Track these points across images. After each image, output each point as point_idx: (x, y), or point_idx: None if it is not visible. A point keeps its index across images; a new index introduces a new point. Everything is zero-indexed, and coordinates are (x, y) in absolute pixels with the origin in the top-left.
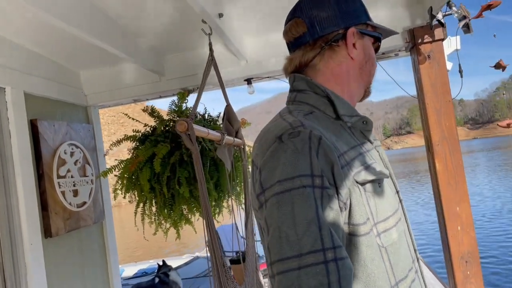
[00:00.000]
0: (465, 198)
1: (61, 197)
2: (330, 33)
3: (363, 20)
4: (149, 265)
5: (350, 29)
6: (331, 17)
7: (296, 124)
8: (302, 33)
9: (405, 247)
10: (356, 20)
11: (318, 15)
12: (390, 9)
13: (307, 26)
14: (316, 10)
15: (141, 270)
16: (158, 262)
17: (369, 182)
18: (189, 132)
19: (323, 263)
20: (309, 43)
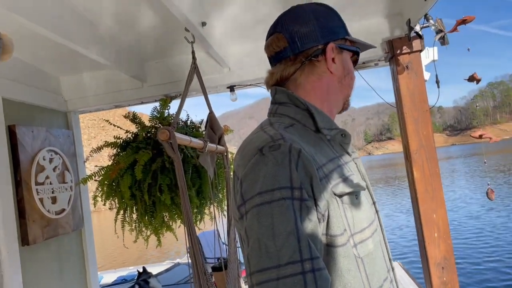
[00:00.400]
0: (442, 205)
1: (39, 204)
2: (310, 48)
3: (342, 35)
4: (129, 272)
5: (330, 44)
6: (311, 33)
7: (276, 137)
8: (283, 48)
9: (381, 257)
10: (335, 35)
11: (299, 30)
12: (370, 20)
13: (288, 41)
14: (297, 25)
15: (120, 277)
16: (138, 269)
17: (346, 194)
18: (171, 141)
19: (301, 274)
20: (290, 57)
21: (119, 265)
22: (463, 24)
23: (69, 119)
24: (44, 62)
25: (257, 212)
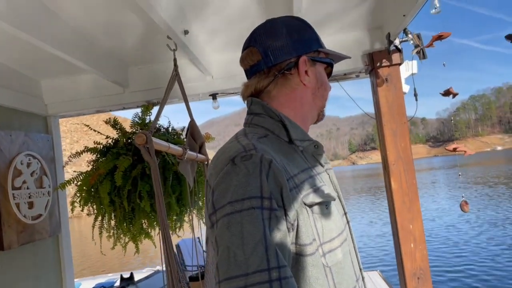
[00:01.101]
0: (418, 216)
1: (15, 209)
2: (283, 61)
3: (315, 47)
4: (108, 278)
5: (302, 57)
6: (284, 47)
7: (249, 147)
8: (257, 61)
9: (350, 267)
10: (308, 48)
11: (272, 44)
12: (351, 32)
13: (261, 55)
14: (270, 39)
15: (99, 284)
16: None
17: (316, 204)
18: (148, 145)
19: (268, 282)
20: (264, 71)
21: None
22: (439, 39)
23: (48, 123)
24: (24, 65)
25: (227, 221)
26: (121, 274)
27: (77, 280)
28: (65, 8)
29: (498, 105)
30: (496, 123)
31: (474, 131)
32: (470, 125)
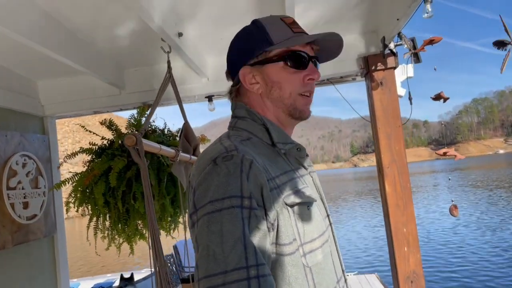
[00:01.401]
0: (412, 220)
1: (10, 209)
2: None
3: (260, 50)
4: (106, 279)
5: (241, 70)
6: (234, 59)
7: (230, 148)
8: (228, 71)
9: (330, 268)
10: (250, 55)
11: (229, 57)
12: (347, 36)
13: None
14: (229, 52)
15: (97, 284)
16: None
17: (297, 204)
18: (137, 147)
19: (246, 280)
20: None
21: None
22: (430, 44)
23: (45, 124)
24: (21, 65)
25: (207, 220)
26: (122, 274)
27: (76, 280)
28: (61, 10)
29: (501, 108)
30: (498, 127)
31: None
32: (473, 128)
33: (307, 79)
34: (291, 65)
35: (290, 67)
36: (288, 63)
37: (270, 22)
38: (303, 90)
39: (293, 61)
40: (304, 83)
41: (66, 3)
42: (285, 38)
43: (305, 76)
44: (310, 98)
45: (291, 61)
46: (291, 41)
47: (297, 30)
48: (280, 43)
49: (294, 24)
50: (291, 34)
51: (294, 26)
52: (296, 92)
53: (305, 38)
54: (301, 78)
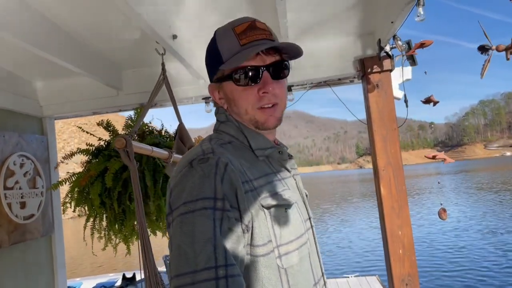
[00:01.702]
0: (407, 223)
1: (7, 209)
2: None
3: (216, 68)
4: (109, 278)
5: (208, 86)
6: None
7: (207, 151)
8: None
9: (307, 271)
10: (213, 71)
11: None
12: (343, 38)
13: None
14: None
15: (99, 283)
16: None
17: (274, 206)
18: (127, 149)
19: (214, 280)
20: None
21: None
22: (421, 47)
23: (44, 124)
24: (20, 67)
25: (181, 221)
26: (124, 273)
27: (78, 279)
28: (59, 14)
29: (508, 110)
30: (505, 129)
31: (483, 136)
32: (479, 130)
33: (261, 93)
34: (239, 83)
35: (239, 85)
36: (235, 81)
37: (222, 35)
38: (260, 104)
39: (240, 78)
40: (259, 97)
41: (64, 7)
42: (233, 53)
43: (259, 90)
44: (274, 108)
45: (238, 79)
46: (235, 58)
47: (245, 40)
48: (227, 62)
49: (245, 32)
50: (238, 48)
51: (243, 35)
52: (252, 107)
53: (244, 54)
54: (255, 92)
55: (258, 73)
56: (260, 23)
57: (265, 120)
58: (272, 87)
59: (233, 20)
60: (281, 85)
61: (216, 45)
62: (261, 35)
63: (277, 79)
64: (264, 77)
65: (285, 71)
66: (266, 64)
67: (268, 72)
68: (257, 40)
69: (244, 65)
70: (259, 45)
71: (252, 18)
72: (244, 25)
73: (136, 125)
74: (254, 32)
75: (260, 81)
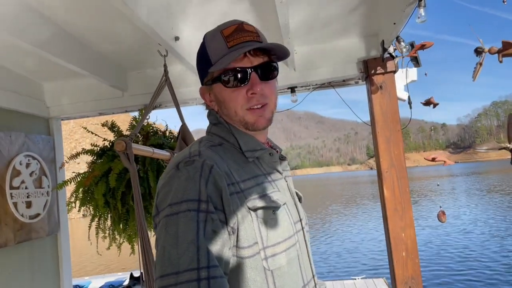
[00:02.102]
0: (411, 225)
1: (13, 208)
2: None
3: (205, 71)
4: (117, 277)
5: (199, 89)
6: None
7: (194, 153)
8: None
9: (296, 272)
10: (203, 75)
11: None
12: (348, 39)
13: None
14: None
15: (108, 282)
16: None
17: (261, 208)
18: (127, 152)
19: (196, 281)
20: None
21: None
22: (421, 49)
23: (50, 125)
24: (27, 68)
25: (165, 222)
26: (131, 272)
27: (87, 278)
28: (64, 18)
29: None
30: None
31: (496, 138)
32: (492, 131)
33: (250, 94)
34: (227, 84)
35: (228, 87)
36: (224, 83)
37: (211, 38)
38: (249, 105)
39: (228, 80)
40: (248, 98)
41: (70, 11)
42: (220, 55)
43: (247, 91)
44: (263, 109)
45: (226, 81)
46: (222, 60)
47: (233, 43)
48: (216, 64)
49: (233, 34)
50: (226, 50)
51: (231, 38)
52: (241, 108)
53: (231, 56)
54: (244, 93)
55: (246, 74)
56: (248, 25)
57: (254, 121)
58: (260, 88)
59: (221, 24)
60: (270, 85)
61: (205, 48)
62: (248, 37)
63: (265, 79)
64: (252, 78)
65: (274, 72)
66: (253, 65)
67: (256, 73)
68: (244, 42)
69: (232, 67)
70: (246, 47)
71: (240, 21)
72: (232, 28)
73: (136, 128)
74: (242, 34)
75: (248, 82)
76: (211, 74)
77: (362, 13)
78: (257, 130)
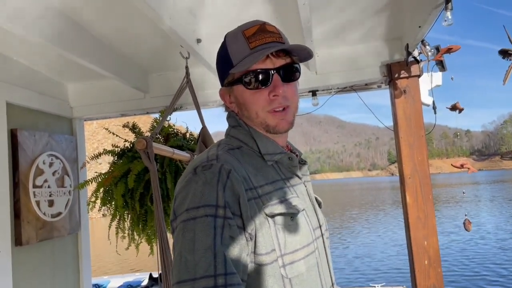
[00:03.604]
0: (434, 233)
1: (35, 207)
2: None
3: (226, 72)
4: (135, 278)
5: (219, 90)
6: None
7: (211, 157)
8: None
9: (315, 280)
10: (223, 76)
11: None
12: (370, 43)
13: None
14: None
15: (126, 282)
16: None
17: (278, 215)
18: (148, 150)
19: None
20: None
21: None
22: (447, 52)
23: (73, 125)
24: (51, 69)
25: (183, 227)
26: (151, 273)
27: (106, 277)
28: (88, 19)
29: None
30: None
31: None
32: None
33: (272, 96)
34: (249, 86)
35: (249, 88)
36: (245, 85)
37: (232, 39)
38: (271, 107)
39: (250, 82)
40: (270, 100)
41: (93, 12)
42: (242, 57)
43: (269, 93)
44: (285, 112)
45: (248, 82)
46: (244, 62)
47: (255, 44)
48: (237, 65)
49: (255, 35)
50: (248, 51)
51: (253, 39)
52: (263, 110)
53: (254, 57)
54: (266, 95)
55: (268, 76)
56: (270, 26)
57: (276, 123)
58: (282, 90)
59: (243, 24)
60: (292, 87)
61: (226, 49)
62: (270, 38)
63: (287, 81)
64: (274, 80)
65: (296, 74)
66: (276, 67)
67: (279, 74)
68: (266, 43)
69: (254, 68)
70: (268, 48)
71: (262, 21)
72: (254, 28)
73: (157, 127)
74: (264, 35)
75: (270, 84)
76: (232, 75)
77: (386, 16)
78: (278, 133)
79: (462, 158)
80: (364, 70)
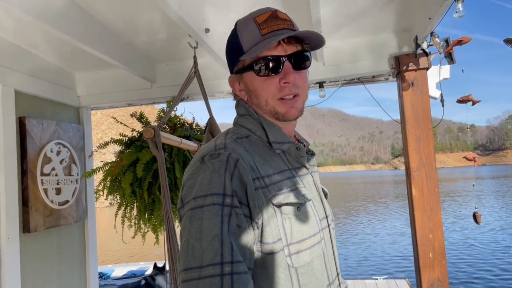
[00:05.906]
0: (439, 226)
1: (43, 194)
2: None
3: (237, 59)
4: (139, 267)
5: (229, 78)
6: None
7: (219, 146)
8: None
9: (321, 270)
10: (234, 62)
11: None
12: (378, 35)
13: None
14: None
15: (130, 271)
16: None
17: (285, 205)
18: (155, 139)
19: (219, 276)
20: None
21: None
22: (458, 45)
23: (80, 114)
24: (60, 58)
25: (190, 215)
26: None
27: (110, 265)
28: (97, 8)
29: None
30: None
31: None
32: None
33: (282, 83)
34: (260, 73)
35: (260, 75)
36: (256, 71)
37: (243, 26)
38: (281, 95)
39: (261, 68)
40: (280, 87)
41: (102, 1)
42: (254, 43)
43: (280, 80)
44: (295, 99)
45: (259, 69)
46: (256, 48)
47: (266, 30)
48: (248, 52)
49: (266, 21)
50: (259, 37)
51: (264, 25)
52: (273, 98)
53: (265, 43)
54: (276, 82)
55: (279, 63)
56: (282, 13)
57: (286, 111)
58: (293, 77)
59: (254, 11)
60: (303, 75)
61: (237, 35)
62: (282, 25)
63: (298, 69)
64: (286, 67)
65: (307, 62)
66: (287, 54)
67: (290, 62)
68: (278, 29)
69: (265, 55)
70: (280, 34)
71: (273, 8)
72: (265, 15)
73: (165, 117)
74: (276, 22)
75: (281, 71)
76: (242, 62)
77: (394, 8)
78: (287, 121)
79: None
80: (372, 62)
